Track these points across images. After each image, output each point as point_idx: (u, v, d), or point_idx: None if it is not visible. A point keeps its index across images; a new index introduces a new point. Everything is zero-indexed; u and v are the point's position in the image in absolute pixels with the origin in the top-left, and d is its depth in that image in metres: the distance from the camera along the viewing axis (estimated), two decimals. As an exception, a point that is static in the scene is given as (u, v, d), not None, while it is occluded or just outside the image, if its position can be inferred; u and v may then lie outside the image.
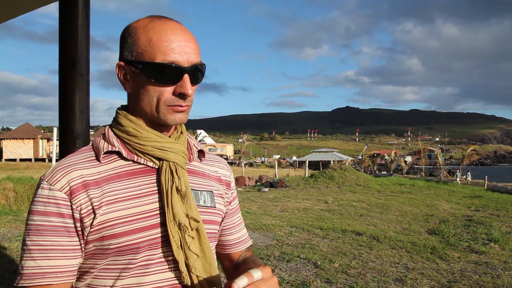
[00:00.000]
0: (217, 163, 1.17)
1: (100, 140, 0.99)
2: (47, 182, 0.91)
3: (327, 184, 19.12)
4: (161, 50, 0.91)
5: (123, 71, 0.97)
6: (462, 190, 18.21)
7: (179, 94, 0.93)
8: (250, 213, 10.13)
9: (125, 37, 0.96)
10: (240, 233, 1.23)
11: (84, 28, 2.56)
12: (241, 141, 69.95)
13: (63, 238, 0.90)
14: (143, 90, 0.95)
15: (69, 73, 2.53)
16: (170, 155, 0.97)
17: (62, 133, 2.56)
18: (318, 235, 7.57)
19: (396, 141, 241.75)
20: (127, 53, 0.95)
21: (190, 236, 0.95)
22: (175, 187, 0.95)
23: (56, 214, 0.89)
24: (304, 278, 4.97)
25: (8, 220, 8.25)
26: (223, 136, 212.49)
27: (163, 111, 0.94)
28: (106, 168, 0.95)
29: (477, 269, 5.63)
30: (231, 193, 1.18)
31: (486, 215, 10.55)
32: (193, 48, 0.94)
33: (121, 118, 0.99)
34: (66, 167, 0.93)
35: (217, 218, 1.08)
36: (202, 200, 1.04)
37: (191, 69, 0.93)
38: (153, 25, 0.93)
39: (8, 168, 32.77)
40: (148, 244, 0.93)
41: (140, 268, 0.93)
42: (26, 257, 0.89)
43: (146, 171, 0.97)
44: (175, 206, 0.94)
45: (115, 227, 0.91)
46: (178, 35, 0.92)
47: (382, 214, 10.51)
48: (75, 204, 0.90)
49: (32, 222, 0.90)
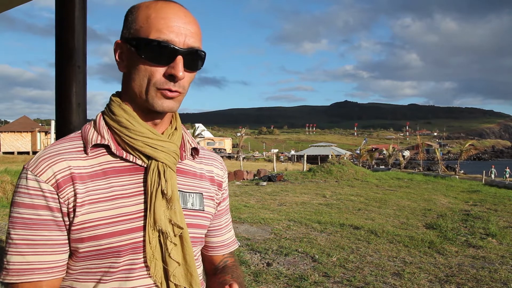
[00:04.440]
0: (211, 161, 1.12)
1: (90, 129, 0.94)
2: (32, 172, 0.86)
3: (325, 178, 19.14)
4: (157, 27, 0.86)
5: (119, 50, 0.93)
6: (459, 185, 18.25)
7: (169, 76, 0.87)
8: (248, 207, 10.13)
9: (127, 16, 0.92)
10: (226, 236, 1.18)
11: (81, 19, 2.52)
12: (240, 135, 69.87)
13: (53, 232, 0.86)
14: (135, 70, 0.89)
15: (65, 64, 2.49)
16: (160, 154, 0.91)
17: (58, 125, 2.53)
18: (316, 229, 7.57)
19: (394, 136, 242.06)
20: (125, 30, 0.92)
21: (172, 243, 0.91)
22: (160, 190, 0.90)
23: (45, 207, 0.85)
24: (302, 272, 4.98)
25: (6, 213, 8.24)
26: (222, 130, 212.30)
27: (151, 94, 0.88)
28: (92, 163, 0.90)
29: (474, 263, 5.64)
30: (221, 194, 1.13)
31: (484, 210, 10.58)
32: (192, 31, 0.89)
33: (115, 106, 0.94)
34: (52, 156, 0.88)
35: (204, 221, 1.03)
36: (190, 202, 0.99)
37: (186, 52, 0.87)
38: (155, 4, 0.89)
39: (6, 161, 32.67)
40: (130, 248, 0.88)
41: (123, 272, 0.89)
42: (13, 251, 0.85)
43: (134, 169, 0.92)
44: (158, 210, 0.89)
45: (96, 228, 0.86)
46: (178, 16, 0.88)
47: (380, 209, 10.53)
48: (62, 197, 0.85)
49: (18, 215, 0.85)
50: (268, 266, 5.22)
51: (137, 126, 0.92)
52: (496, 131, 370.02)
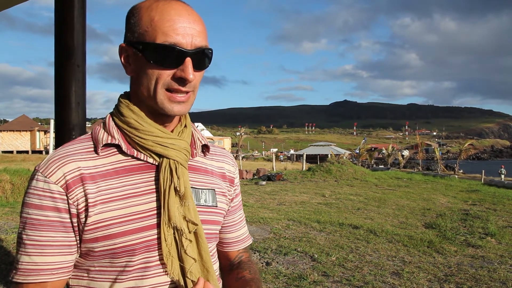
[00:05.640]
0: (222, 158, 1.12)
1: (100, 130, 0.94)
2: (42, 173, 0.87)
3: (324, 178, 19.14)
4: (162, 30, 0.85)
5: (125, 53, 0.92)
6: (459, 184, 18.25)
7: (179, 79, 0.87)
8: (247, 206, 10.13)
9: (129, 18, 0.91)
10: (240, 231, 1.19)
11: (80, 18, 2.52)
12: (239, 135, 69.82)
13: (59, 233, 0.86)
14: (143, 73, 0.89)
15: (65, 63, 2.50)
16: (171, 152, 0.92)
17: (58, 124, 2.54)
18: (315, 229, 7.58)
19: (393, 135, 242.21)
20: (129, 34, 0.90)
21: (187, 239, 0.91)
22: (173, 187, 0.90)
23: (52, 209, 0.85)
24: (301, 271, 4.98)
25: (5, 212, 8.23)
26: (221, 129, 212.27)
27: (160, 97, 0.88)
28: (103, 162, 0.91)
29: (473, 263, 5.65)
30: (234, 190, 1.14)
31: (483, 209, 10.58)
32: (198, 30, 0.88)
33: (123, 107, 0.94)
34: (62, 157, 0.88)
35: (218, 217, 1.04)
36: (203, 199, 1.00)
37: (194, 52, 0.87)
38: (157, 4, 0.88)
39: (5, 160, 32.63)
40: (145, 246, 0.89)
41: (139, 271, 0.90)
42: (21, 251, 0.86)
43: (145, 167, 0.93)
44: (172, 207, 0.89)
45: (110, 228, 0.87)
46: (182, 16, 0.87)
47: (379, 208, 10.53)
48: (71, 198, 0.86)
49: (27, 216, 0.86)
50: (267, 265, 5.22)
51: (146, 126, 0.91)
52: (495, 131, 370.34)
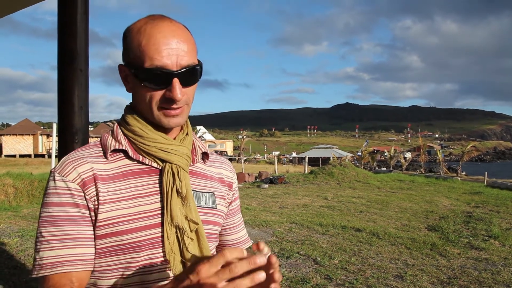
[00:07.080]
0: (220, 164, 1.20)
1: (108, 137, 1.02)
2: (59, 174, 0.94)
3: (326, 181, 19.12)
4: (149, 55, 0.91)
5: (123, 73, 1.00)
6: (461, 187, 18.19)
7: (169, 99, 0.94)
8: (249, 209, 10.12)
9: (124, 39, 0.98)
10: (240, 233, 1.26)
11: (83, 22, 2.53)
12: (241, 138, 69.84)
13: (80, 227, 0.92)
14: (138, 93, 0.97)
15: (68, 68, 2.51)
16: (173, 157, 0.99)
17: (61, 128, 2.55)
18: (318, 232, 7.56)
19: (395, 138, 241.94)
20: (124, 55, 0.98)
21: (189, 238, 0.97)
22: (175, 189, 0.97)
23: (72, 205, 0.92)
24: (303, 274, 4.97)
25: (8, 216, 8.24)
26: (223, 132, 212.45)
27: (156, 113, 0.96)
28: (112, 166, 0.98)
29: (477, 265, 5.63)
30: (232, 194, 1.21)
31: (486, 211, 10.54)
32: (184, 50, 0.93)
33: (128, 117, 1.02)
34: (77, 159, 0.96)
35: (218, 219, 1.10)
36: (204, 201, 1.06)
37: (182, 72, 0.92)
38: (145, 28, 0.93)
39: (7, 164, 32.74)
40: (149, 243, 0.94)
41: (144, 267, 0.95)
42: (44, 248, 0.90)
43: (150, 171, 0.99)
44: (174, 208, 0.95)
45: (118, 225, 0.93)
46: (167, 38, 0.92)
47: (382, 211, 10.51)
48: (88, 195, 0.93)
49: (48, 214, 0.91)
50: (270, 268, 5.21)
51: (150, 133, 0.99)
52: (498, 132, 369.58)
